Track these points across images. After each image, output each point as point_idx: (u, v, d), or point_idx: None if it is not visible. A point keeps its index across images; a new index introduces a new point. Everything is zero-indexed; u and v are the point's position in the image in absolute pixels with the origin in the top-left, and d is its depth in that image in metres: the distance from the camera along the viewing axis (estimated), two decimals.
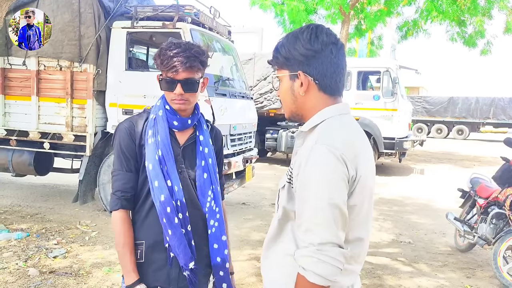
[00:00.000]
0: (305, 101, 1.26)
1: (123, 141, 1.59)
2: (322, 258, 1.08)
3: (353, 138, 1.21)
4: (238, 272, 3.99)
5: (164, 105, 1.62)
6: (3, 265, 3.90)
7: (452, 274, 4.23)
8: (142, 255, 1.59)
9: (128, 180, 1.59)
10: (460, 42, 13.62)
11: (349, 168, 1.14)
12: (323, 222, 1.09)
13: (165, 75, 1.55)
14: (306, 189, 1.13)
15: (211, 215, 1.65)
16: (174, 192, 1.56)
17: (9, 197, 6.53)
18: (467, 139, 23.46)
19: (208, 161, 1.67)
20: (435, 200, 7.60)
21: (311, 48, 1.21)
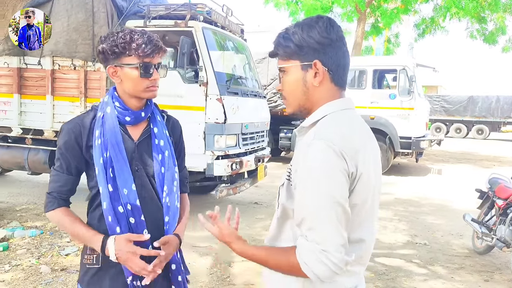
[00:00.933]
0: (315, 93, 1.21)
1: (65, 143, 1.50)
2: (325, 260, 1.05)
3: (353, 134, 1.16)
4: (248, 272, 3.95)
5: (113, 101, 1.53)
6: (17, 262, 3.95)
7: (469, 277, 4.10)
8: (98, 260, 1.50)
9: (65, 183, 1.51)
10: (480, 39, 13.35)
11: (349, 165, 1.09)
12: (327, 221, 1.06)
13: (141, 60, 1.46)
14: (305, 186, 1.09)
15: (166, 211, 1.57)
16: (121, 196, 1.47)
17: (25, 195, 6.63)
18: (487, 139, 22.93)
19: (164, 154, 1.58)
20: (453, 201, 7.42)
21: (328, 36, 1.17)
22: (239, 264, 4.18)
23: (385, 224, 5.85)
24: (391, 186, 8.78)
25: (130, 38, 1.45)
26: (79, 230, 1.47)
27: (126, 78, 1.50)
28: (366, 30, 15.21)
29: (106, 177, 1.46)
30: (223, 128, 5.16)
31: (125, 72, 1.49)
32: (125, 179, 1.48)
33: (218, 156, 5.22)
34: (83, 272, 1.55)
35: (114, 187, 1.47)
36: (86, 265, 1.53)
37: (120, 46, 1.45)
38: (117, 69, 1.50)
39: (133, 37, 1.45)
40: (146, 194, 1.53)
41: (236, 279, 3.83)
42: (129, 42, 1.45)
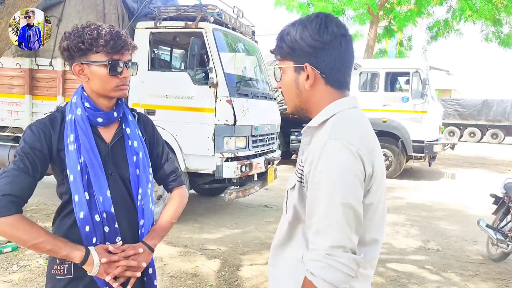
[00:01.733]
0: (310, 95, 1.18)
1: (33, 142, 1.37)
2: (332, 263, 0.99)
3: (367, 132, 1.13)
4: (257, 276, 3.90)
5: (82, 102, 1.43)
6: (25, 262, 3.95)
7: (483, 285, 3.98)
8: (70, 270, 1.40)
9: (27, 185, 1.34)
10: (496, 42, 13.13)
11: (366, 165, 1.05)
12: (335, 224, 1.01)
13: (110, 57, 1.38)
14: (318, 187, 1.04)
15: (141, 214, 1.49)
16: (98, 204, 1.38)
17: (36, 195, 6.67)
18: (502, 143, 22.54)
19: (138, 156, 1.51)
20: (467, 206, 7.26)
21: (319, 39, 1.12)
22: (247, 267, 4.12)
23: (397, 229, 5.74)
24: (404, 190, 8.65)
25: (97, 33, 1.36)
26: (51, 240, 1.32)
27: (94, 77, 1.41)
28: (379, 33, 15.08)
29: (83, 184, 1.37)
30: (233, 130, 5.12)
31: (92, 70, 1.40)
32: (100, 185, 1.40)
33: (227, 158, 5.17)
34: (52, 284, 1.44)
35: (90, 195, 1.39)
36: (56, 276, 1.41)
37: (87, 42, 1.36)
38: (84, 67, 1.41)
39: (100, 33, 1.36)
40: (119, 199, 1.45)
41: (244, 283, 3.78)
42: (96, 38, 1.36)
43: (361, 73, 10.42)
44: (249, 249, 4.64)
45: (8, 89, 5.89)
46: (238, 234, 5.21)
